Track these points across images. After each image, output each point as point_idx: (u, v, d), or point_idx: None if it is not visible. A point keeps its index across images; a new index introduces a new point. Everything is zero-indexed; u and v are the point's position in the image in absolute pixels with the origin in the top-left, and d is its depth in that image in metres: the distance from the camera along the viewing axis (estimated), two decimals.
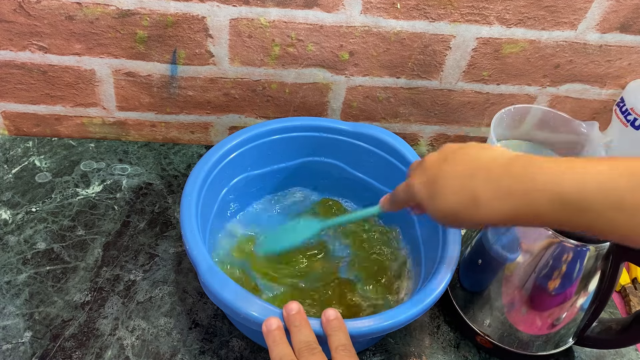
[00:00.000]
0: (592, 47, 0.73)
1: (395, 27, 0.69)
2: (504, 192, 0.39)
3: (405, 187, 0.47)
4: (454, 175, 0.42)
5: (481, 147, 0.43)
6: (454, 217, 0.42)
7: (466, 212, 0.41)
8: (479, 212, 0.40)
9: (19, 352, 0.54)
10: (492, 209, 0.39)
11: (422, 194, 0.44)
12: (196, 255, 0.49)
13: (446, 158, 0.44)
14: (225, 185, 0.63)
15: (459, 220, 0.42)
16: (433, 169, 0.44)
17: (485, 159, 0.41)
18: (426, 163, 0.45)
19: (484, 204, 0.39)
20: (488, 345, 0.59)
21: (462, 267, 0.60)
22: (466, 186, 0.41)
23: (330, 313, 0.45)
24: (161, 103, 0.76)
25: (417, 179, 0.45)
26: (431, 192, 0.43)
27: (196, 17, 0.66)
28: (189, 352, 0.56)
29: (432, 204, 0.43)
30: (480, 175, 0.40)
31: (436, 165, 0.44)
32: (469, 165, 0.42)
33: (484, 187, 0.40)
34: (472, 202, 0.40)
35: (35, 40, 0.67)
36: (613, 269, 0.51)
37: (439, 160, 0.44)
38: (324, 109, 0.79)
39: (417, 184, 0.45)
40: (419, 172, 0.45)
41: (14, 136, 0.77)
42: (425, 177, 0.44)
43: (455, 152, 0.44)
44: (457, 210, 0.41)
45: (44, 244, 0.64)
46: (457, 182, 0.41)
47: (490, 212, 0.39)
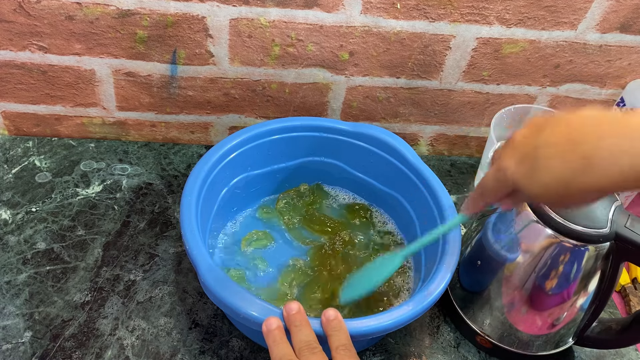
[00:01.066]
0: (592, 47, 0.73)
1: (395, 27, 0.69)
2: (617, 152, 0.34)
3: (496, 173, 0.42)
4: (556, 141, 0.37)
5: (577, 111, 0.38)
6: (565, 187, 0.37)
7: (579, 179, 0.36)
8: (594, 175, 0.35)
9: (19, 352, 0.54)
10: (608, 170, 0.35)
11: (520, 172, 0.39)
12: (196, 255, 0.49)
13: (542, 128, 0.39)
14: (225, 185, 0.63)
15: (570, 191, 0.37)
16: (527, 143, 0.39)
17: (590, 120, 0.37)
18: (516, 140, 0.41)
19: (599, 166, 0.35)
20: (488, 345, 0.59)
21: (462, 267, 0.60)
22: (574, 149, 0.36)
23: (331, 313, 0.45)
24: (161, 103, 0.76)
25: (508, 159, 0.40)
26: (531, 166, 0.38)
27: (196, 17, 0.66)
28: (189, 352, 0.56)
29: (535, 179, 0.38)
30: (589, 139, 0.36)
31: (530, 138, 0.39)
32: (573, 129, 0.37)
33: (595, 149, 0.35)
34: (584, 166, 0.36)
35: (35, 40, 0.67)
36: (613, 269, 0.51)
37: (532, 132, 0.39)
38: (324, 109, 0.79)
39: (511, 164, 0.40)
40: (510, 152, 0.41)
41: (14, 136, 0.77)
42: (519, 153, 0.40)
43: (550, 121, 0.39)
44: (568, 178, 0.36)
45: (44, 244, 0.64)
46: (562, 148, 0.37)
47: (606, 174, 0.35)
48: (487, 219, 0.57)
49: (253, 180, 0.66)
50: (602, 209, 0.49)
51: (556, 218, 0.49)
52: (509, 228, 0.53)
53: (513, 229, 0.53)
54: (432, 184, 0.60)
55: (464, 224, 0.50)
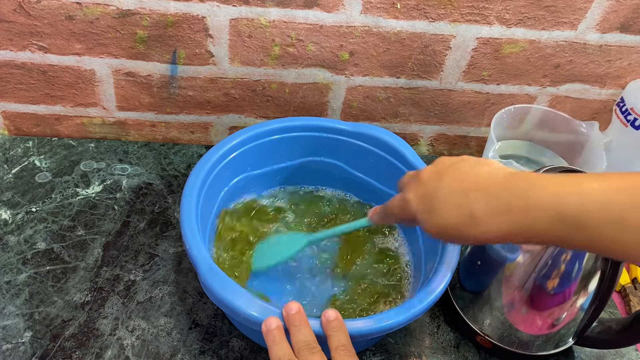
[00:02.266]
0: (592, 47, 0.73)
1: (395, 27, 0.69)
2: (503, 209, 0.38)
3: (400, 202, 0.46)
4: (451, 190, 0.41)
5: (477, 162, 0.43)
6: (452, 233, 0.41)
7: (464, 229, 0.40)
8: (477, 229, 0.39)
9: (19, 352, 0.54)
10: (490, 226, 0.39)
11: (419, 208, 0.43)
12: (196, 255, 0.49)
13: (443, 172, 0.43)
14: (225, 185, 0.63)
15: (457, 237, 0.42)
16: (430, 183, 0.43)
17: (483, 176, 0.41)
18: (422, 177, 0.44)
19: (482, 221, 0.39)
20: (488, 345, 0.59)
21: (462, 267, 0.60)
22: (464, 203, 0.40)
23: (330, 314, 0.45)
24: (161, 103, 0.76)
25: (412, 193, 0.44)
26: (428, 207, 0.42)
27: (196, 17, 0.66)
28: (189, 352, 0.56)
29: (429, 219, 0.43)
30: (479, 192, 0.40)
31: (433, 179, 0.43)
32: (467, 181, 0.41)
33: (482, 204, 0.39)
34: (470, 219, 0.40)
35: (35, 40, 0.67)
36: (613, 269, 0.51)
37: (436, 174, 0.43)
38: (324, 109, 0.79)
39: (414, 198, 0.44)
40: (415, 186, 0.45)
41: (14, 136, 0.77)
42: (422, 191, 0.44)
43: (452, 167, 0.43)
44: (455, 227, 0.41)
45: (44, 244, 0.64)
46: (455, 199, 0.41)
47: (488, 229, 0.39)
48: None
49: (253, 180, 0.66)
50: None
51: None
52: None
53: None
54: None
55: None
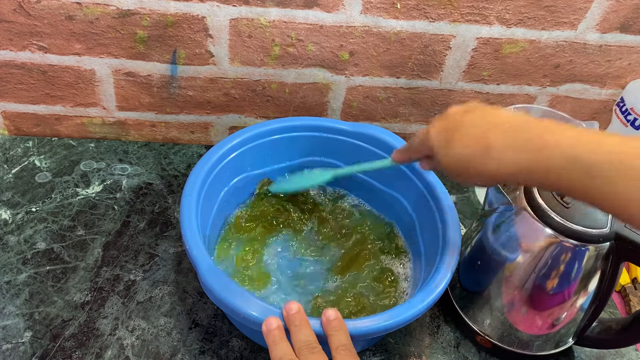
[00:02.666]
0: (592, 47, 0.73)
1: (395, 27, 0.69)
2: (519, 144, 0.39)
3: (422, 134, 0.47)
4: (473, 124, 0.42)
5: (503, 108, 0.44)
6: (465, 165, 0.42)
7: (477, 161, 0.41)
8: (491, 161, 0.40)
9: (19, 352, 0.54)
10: (504, 159, 0.40)
11: (439, 140, 0.44)
12: (196, 255, 0.49)
13: (469, 110, 0.44)
14: (225, 185, 0.63)
15: (469, 170, 0.42)
16: (454, 118, 0.44)
17: (506, 114, 0.42)
18: (449, 112, 0.46)
19: (497, 153, 0.40)
20: (488, 345, 0.59)
21: (462, 267, 0.60)
22: (483, 135, 0.41)
23: (331, 313, 0.45)
24: (161, 103, 0.76)
25: (436, 126, 0.45)
26: (448, 138, 0.44)
27: (196, 17, 0.66)
28: (189, 352, 0.56)
29: (446, 150, 0.43)
30: (500, 127, 0.41)
31: (458, 114, 0.44)
32: (490, 117, 0.42)
33: (500, 137, 0.40)
34: (485, 150, 0.41)
35: (35, 40, 0.67)
36: (613, 269, 0.51)
37: (462, 111, 0.45)
38: (324, 109, 0.79)
39: (436, 130, 0.45)
40: (439, 121, 0.46)
41: (14, 136, 0.77)
42: (445, 124, 0.45)
43: (478, 106, 0.44)
44: (469, 158, 0.42)
45: (44, 244, 0.64)
46: (475, 131, 0.42)
47: (501, 162, 0.40)
48: (487, 219, 0.57)
49: (253, 180, 0.66)
50: None
51: (556, 218, 0.49)
52: (509, 228, 0.53)
53: (513, 229, 0.53)
54: (432, 183, 0.60)
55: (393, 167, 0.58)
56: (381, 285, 0.61)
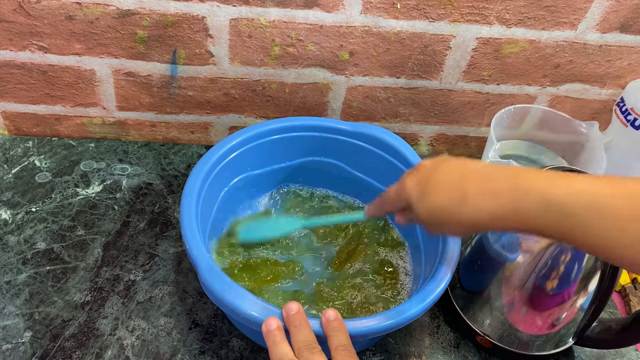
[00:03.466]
0: (592, 47, 0.73)
1: (395, 27, 0.69)
2: (492, 191, 0.41)
3: (397, 187, 0.48)
4: (447, 175, 0.44)
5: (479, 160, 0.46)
6: (441, 215, 0.43)
7: (454, 210, 0.42)
8: (467, 210, 0.41)
9: (19, 352, 0.54)
10: (480, 206, 0.41)
11: (414, 192, 0.45)
12: (196, 255, 0.49)
13: (443, 162, 0.45)
14: (225, 185, 0.63)
15: (445, 219, 0.43)
16: (428, 170, 0.46)
17: (480, 165, 0.44)
18: (422, 165, 0.47)
19: (473, 201, 0.41)
20: (488, 345, 0.59)
21: (462, 267, 0.60)
22: (458, 183, 0.42)
23: (330, 314, 0.45)
24: (161, 103, 0.76)
25: (409, 178, 0.47)
26: (423, 189, 0.45)
27: (196, 17, 0.66)
28: (189, 352, 0.56)
29: (422, 201, 0.44)
30: (472, 176, 0.42)
31: (431, 167, 0.46)
32: (464, 168, 0.44)
33: (474, 185, 0.42)
34: (461, 199, 0.42)
35: (35, 40, 0.67)
36: (613, 269, 0.51)
37: (435, 163, 0.46)
38: (324, 109, 0.79)
39: (411, 183, 0.46)
40: (413, 173, 0.47)
41: (14, 136, 0.77)
42: (419, 177, 0.46)
43: (453, 159, 0.46)
44: (445, 208, 0.43)
45: (44, 244, 0.64)
46: (449, 181, 0.43)
47: (478, 210, 0.41)
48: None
49: (253, 180, 0.66)
50: None
51: None
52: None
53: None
54: None
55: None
56: (381, 277, 0.62)
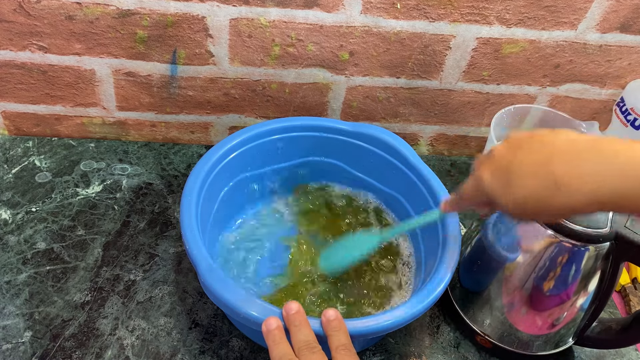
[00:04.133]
0: (592, 47, 0.73)
1: (395, 27, 0.69)
2: (592, 172, 0.36)
3: (474, 182, 0.44)
4: (529, 160, 0.39)
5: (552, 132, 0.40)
6: (535, 203, 0.39)
7: (547, 199, 0.38)
8: (563, 197, 0.37)
9: (19, 352, 0.54)
10: (575, 191, 0.36)
11: (495, 184, 0.41)
12: (196, 255, 0.49)
13: (518, 146, 0.41)
14: (225, 185, 0.63)
15: (540, 208, 0.39)
16: (505, 158, 0.41)
17: (563, 141, 0.38)
18: (495, 153, 0.42)
19: (569, 186, 0.36)
20: (488, 345, 0.59)
21: (462, 267, 0.60)
22: (545, 170, 0.38)
23: (331, 313, 0.45)
24: (161, 103, 0.76)
25: (486, 170, 0.42)
26: (505, 180, 0.40)
27: (196, 17, 0.66)
28: (189, 352, 0.56)
29: (508, 192, 0.40)
30: (560, 158, 0.37)
31: (508, 154, 0.41)
32: (545, 149, 0.39)
33: (566, 168, 0.37)
34: (553, 186, 0.37)
35: (35, 40, 0.67)
36: (613, 269, 0.51)
37: (511, 148, 0.41)
38: (324, 109, 0.79)
39: (487, 175, 0.42)
40: (488, 164, 0.42)
41: (14, 136, 0.77)
42: (497, 167, 0.41)
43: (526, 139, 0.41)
44: (538, 196, 0.38)
45: (44, 244, 0.64)
46: (534, 168, 0.38)
47: (573, 195, 0.36)
48: (487, 219, 0.57)
49: (253, 180, 0.66)
50: None
51: None
52: (509, 228, 0.53)
53: (513, 229, 0.53)
54: (432, 184, 0.60)
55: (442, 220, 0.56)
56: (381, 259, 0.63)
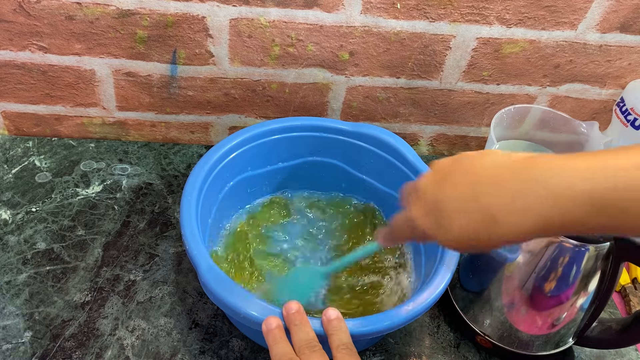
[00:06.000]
0: (592, 47, 0.73)
1: (395, 27, 0.69)
2: (525, 202, 0.33)
3: (406, 222, 0.41)
4: (456, 196, 0.36)
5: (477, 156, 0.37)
6: (471, 243, 0.36)
7: (483, 235, 0.35)
8: (500, 231, 0.34)
9: (19, 352, 0.54)
10: (515, 225, 0.34)
11: (427, 225, 0.38)
12: (196, 255, 0.49)
13: (442, 178, 0.38)
14: (225, 185, 0.63)
15: (478, 245, 0.36)
16: (432, 195, 0.38)
17: (490, 168, 0.36)
18: (421, 189, 0.39)
19: (503, 220, 0.34)
20: (488, 345, 0.59)
21: (462, 267, 0.60)
22: (475, 206, 0.35)
23: (331, 313, 0.45)
24: (161, 103, 0.76)
25: (415, 210, 0.40)
26: (437, 221, 0.37)
27: (196, 17, 0.66)
28: (189, 352, 0.56)
29: (441, 234, 0.38)
30: (491, 188, 0.35)
31: (434, 189, 0.38)
32: (472, 180, 0.36)
33: (498, 201, 0.34)
34: (488, 222, 0.34)
35: (35, 40, 0.67)
36: (613, 269, 0.51)
37: (436, 182, 0.38)
38: (324, 109, 0.79)
39: (418, 216, 0.39)
40: (415, 202, 0.40)
41: (14, 136, 0.77)
42: (426, 206, 0.39)
43: (450, 170, 0.38)
44: (474, 230, 0.35)
45: (44, 244, 0.64)
46: (463, 205, 0.36)
47: (514, 229, 0.34)
48: None
49: (253, 180, 0.66)
50: None
51: None
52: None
53: None
54: None
55: None
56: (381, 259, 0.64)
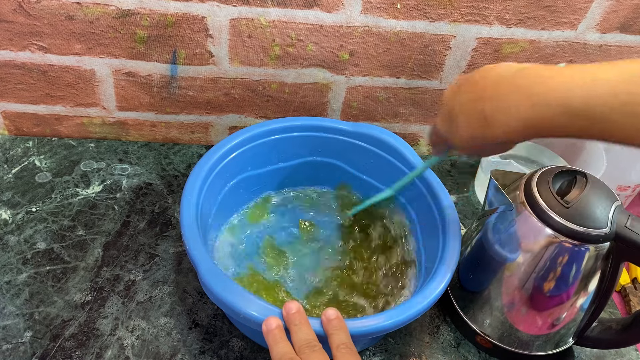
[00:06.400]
0: (592, 47, 0.73)
1: (395, 27, 0.69)
2: (512, 107, 0.39)
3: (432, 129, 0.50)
4: (464, 102, 0.43)
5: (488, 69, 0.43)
6: (472, 141, 0.43)
7: (480, 133, 0.42)
8: (492, 130, 0.41)
9: (19, 352, 0.54)
10: (503, 124, 0.40)
11: (444, 129, 0.46)
12: (196, 255, 0.49)
13: (458, 88, 0.45)
14: (225, 185, 0.63)
15: (478, 144, 0.43)
16: (448, 103, 0.46)
17: (492, 79, 0.42)
18: (443, 98, 0.47)
19: (494, 121, 0.40)
20: (488, 345, 0.59)
21: (462, 267, 0.60)
22: (475, 108, 0.42)
23: (331, 313, 0.45)
24: (161, 103, 0.76)
25: (439, 116, 0.48)
26: (449, 124, 0.45)
27: (196, 17, 0.66)
28: (189, 352, 0.56)
29: (453, 134, 0.45)
30: (487, 95, 0.41)
31: (450, 98, 0.45)
32: (477, 88, 0.42)
33: (490, 105, 0.40)
34: (483, 122, 0.41)
35: (35, 40, 0.67)
36: (613, 269, 0.51)
37: (453, 92, 0.45)
38: (324, 109, 0.79)
39: (438, 122, 0.47)
40: (440, 110, 0.47)
41: (14, 136, 0.77)
42: (444, 111, 0.46)
43: (466, 80, 0.44)
44: (473, 134, 0.42)
45: (44, 244, 0.64)
46: (468, 107, 0.43)
47: (502, 128, 0.40)
48: (487, 219, 0.57)
49: (253, 180, 0.66)
50: (602, 209, 0.49)
51: (556, 218, 0.49)
52: (509, 228, 0.53)
53: (513, 229, 0.53)
54: (432, 184, 0.60)
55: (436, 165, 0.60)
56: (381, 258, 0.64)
